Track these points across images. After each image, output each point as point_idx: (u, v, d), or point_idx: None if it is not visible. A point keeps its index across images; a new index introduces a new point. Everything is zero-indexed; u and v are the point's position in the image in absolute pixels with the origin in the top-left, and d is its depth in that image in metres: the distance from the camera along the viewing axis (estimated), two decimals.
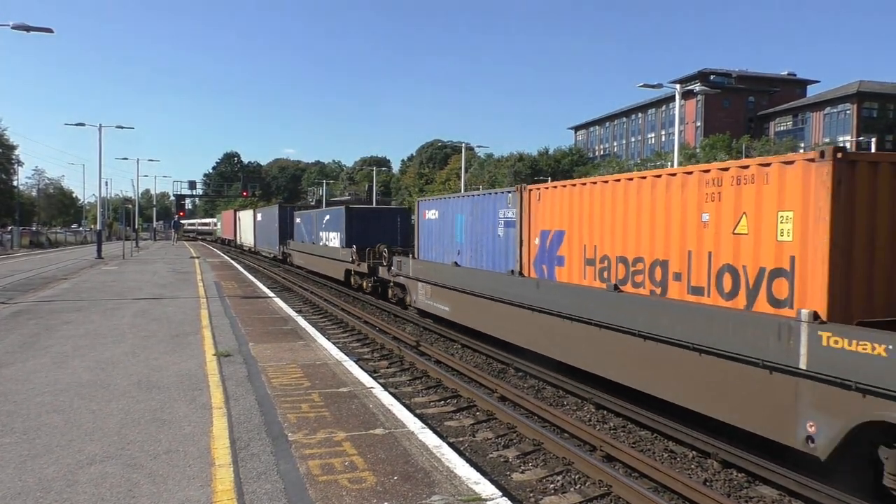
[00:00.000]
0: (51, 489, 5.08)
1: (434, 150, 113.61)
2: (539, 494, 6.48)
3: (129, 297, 18.41)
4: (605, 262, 9.44)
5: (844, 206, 6.19)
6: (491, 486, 5.28)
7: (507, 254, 12.37)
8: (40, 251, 54.50)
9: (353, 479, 5.33)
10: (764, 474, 6.72)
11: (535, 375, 11.26)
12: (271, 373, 9.17)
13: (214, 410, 7.26)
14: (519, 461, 7.39)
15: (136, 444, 6.15)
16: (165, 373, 9.08)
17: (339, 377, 9.02)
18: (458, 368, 11.73)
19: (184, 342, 11.46)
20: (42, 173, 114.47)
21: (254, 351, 10.76)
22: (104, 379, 8.70)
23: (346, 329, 16.55)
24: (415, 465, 5.67)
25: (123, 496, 4.96)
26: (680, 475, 6.63)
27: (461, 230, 14.64)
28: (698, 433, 7.88)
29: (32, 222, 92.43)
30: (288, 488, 5.12)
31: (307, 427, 6.69)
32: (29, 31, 20.95)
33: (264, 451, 5.98)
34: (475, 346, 13.71)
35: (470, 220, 14.15)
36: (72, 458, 5.77)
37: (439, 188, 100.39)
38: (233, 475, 5.38)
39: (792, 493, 6.39)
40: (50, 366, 9.48)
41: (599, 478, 6.74)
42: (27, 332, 12.50)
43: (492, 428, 8.57)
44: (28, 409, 7.24)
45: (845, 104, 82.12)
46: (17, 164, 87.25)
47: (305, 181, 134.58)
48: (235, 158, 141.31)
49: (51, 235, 72.64)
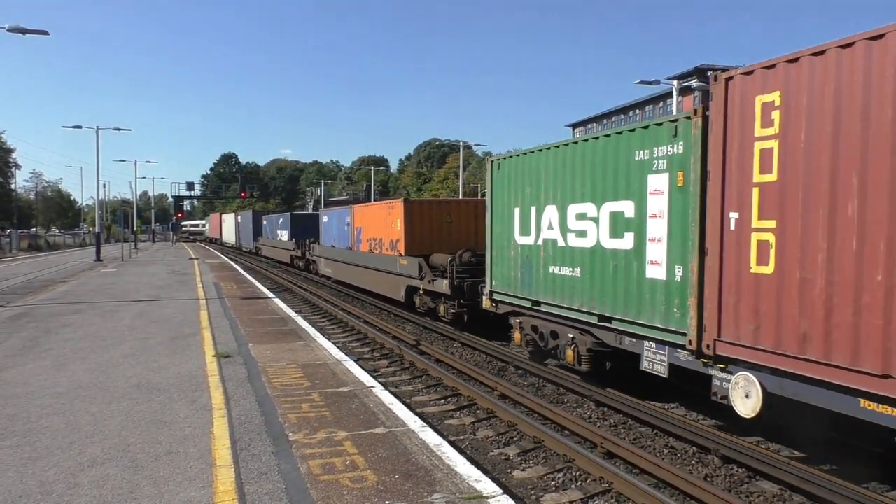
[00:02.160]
0: (52, 492, 5.09)
1: (432, 149, 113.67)
2: (540, 492, 6.49)
3: (129, 300, 18.41)
4: (371, 241, 21.42)
5: (410, 217, 17.95)
6: (492, 484, 5.28)
7: (347, 239, 24.72)
8: (39, 254, 54.46)
9: (354, 479, 5.33)
10: (765, 469, 6.73)
11: (535, 373, 11.27)
12: (271, 373, 9.17)
13: (215, 411, 7.27)
14: (520, 459, 7.39)
15: (136, 445, 6.15)
16: (165, 374, 9.08)
17: (339, 377, 9.03)
18: (458, 367, 11.73)
19: (183, 343, 11.46)
20: (40, 176, 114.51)
21: (254, 352, 10.77)
22: (104, 381, 8.70)
23: (346, 329, 16.56)
24: (416, 464, 5.68)
25: (125, 498, 4.96)
26: (681, 471, 6.63)
27: (334, 226, 27.06)
28: (699, 429, 7.91)
29: (31, 225, 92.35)
30: (289, 488, 5.13)
31: (308, 427, 6.69)
32: (25, 34, 20.93)
33: (265, 451, 5.98)
34: (475, 344, 13.73)
35: (336, 222, 26.77)
36: (73, 460, 5.77)
37: (437, 187, 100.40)
38: (234, 476, 5.38)
39: (793, 487, 6.40)
40: (50, 369, 9.47)
41: (600, 475, 6.75)
42: (27, 335, 12.50)
43: (492, 426, 8.58)
44: (28, 412, 7.24)
45: None
46: (15, 167, 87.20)
47: (304, 181, 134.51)
48: (233, 159, 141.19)
49: (49, 238, 72.57)
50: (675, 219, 7.89)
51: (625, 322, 8.82)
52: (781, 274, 6.38)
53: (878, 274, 5.50)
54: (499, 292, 12.41)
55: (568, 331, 10.27)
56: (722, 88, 6.96)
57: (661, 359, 8.37)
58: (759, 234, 6.63)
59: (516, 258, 11.68)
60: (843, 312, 5.80)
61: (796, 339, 6.23)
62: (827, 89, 5.93)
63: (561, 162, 10.33)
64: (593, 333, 9.65)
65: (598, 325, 9.38)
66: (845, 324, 5.77)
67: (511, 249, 11.87)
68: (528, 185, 11.27)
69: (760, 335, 6.63)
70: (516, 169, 11.72)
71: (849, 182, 5.73)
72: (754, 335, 6.70)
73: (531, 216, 11.17)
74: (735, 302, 6.90)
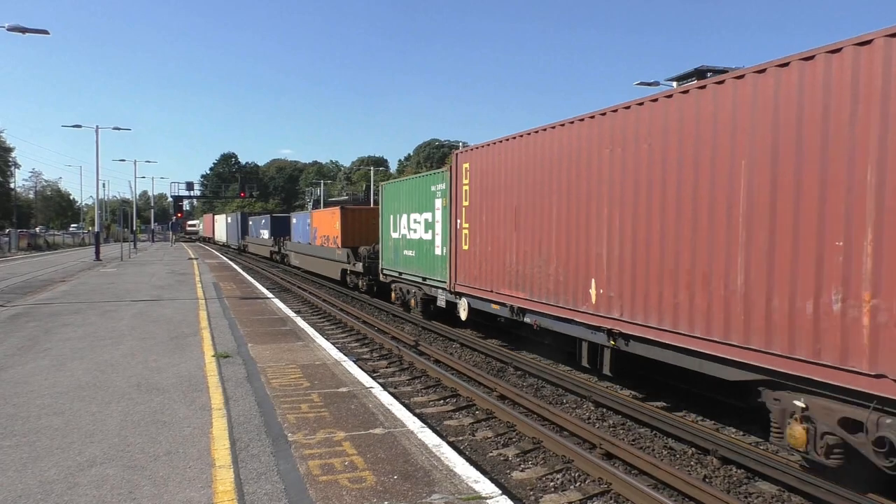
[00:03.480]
0: (52, 491, 5.09)
1: (432, 150, 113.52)
2: (539, 492, 6.49)
3: (128, 299, 18.41)
4: (322, 237, 28.05)
5: (345, 220, 25.24)
6: (491, 485, 5.29)
7: (308, 236, 31.32)
8: (38, 254, 54.41)
9: (353, 479, 5.34)
10: (763, 470, 6.75)
11: (534, 374, 11.28)
12: (270, 373, 9.18)
13: (214, 412, 7.27)
14: (518, 459, 7.40)
15: (136, 445, 6.15)
16: (165, 374, 9.08)
17: (338, 377, 9.03)
18: (457, 367, 11.74)
19: (183, 343, 11.46)
20: (39, 175, 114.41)
21: (253, 352, 10.77)
22: (103, 381, 8.70)
23: (345, 329, 16.57)
24: (414, 465, 5.69)
25: (124, 498, 4.97)
26: (679, 472, 6.64)
27: (300, 227, 34.21)
28: (698, 430, 7.91)
29: (30, 225, 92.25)
30: (288, 488, 5.13)
31: (307, 427, 6.70)
32: (25, 33, 20.93)
33: (264, 451, 5.99)
34: (474, 345, 13.74)
35: (301, 223, 33.99)
36: (72, 460, 5.78)
37: None
38: (233, 476, 5.39)
39: (791, 488, 6.42)
40: (49, 368, 9.47)
41: (599, 475, 6.76)
42: (26, 334, 12.50)
43: (491, 427, 8.58)
44: (28, 412, 7.24)
45: None
46: (15, 167, 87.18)
47: (303, 181, 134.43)
48: (233, 159, 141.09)
49: (48, 238, 72.51)
50: (444, 223, 15.29)
51: (430, 279, 16.34)
52: (473, 250, 13.63)
53: (508, 253, 12.09)
54: (385, 269, 20.12)
55: (413, 288, 17.86)
56: (454, 157, 14.62)
57: (443, 298, 15.63)
58: (464, 230, 14.03)
59: (391, 246, 19.28)
60: (490, 268, 12.82)
61: (477, 280, 13.46)
62: (488, 160, 12.91)
63: (406, 188, 18.15)
64: (422, 288, 17.08)
65: (422, 283, 16.90)
66: (490, 272, 12.82)
67: (389, 241, 19.51)
68: (395, 201, 19.07)
69: (468, 280, 13.91)
70: (390, 192, 19.68)
71: (495, 205, 12.59)
72: (465, 280, 14.03)
73: (397, 220, 18.79)
74: (460, 264, 14.30)
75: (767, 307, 6.67)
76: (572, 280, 10.05)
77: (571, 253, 10.07)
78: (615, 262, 9.03)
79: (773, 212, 6.63)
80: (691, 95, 7.75)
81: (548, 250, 10.74)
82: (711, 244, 7.38)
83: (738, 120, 7.05)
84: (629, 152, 8.76)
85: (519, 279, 11.69)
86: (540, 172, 10.95)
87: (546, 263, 10.78)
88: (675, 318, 7.91)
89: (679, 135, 7.89)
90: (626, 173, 8.83)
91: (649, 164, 8.38)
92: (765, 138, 6.74)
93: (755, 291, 6.82)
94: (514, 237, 11.82)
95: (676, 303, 7.89)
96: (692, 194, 7.67)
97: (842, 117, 5.99)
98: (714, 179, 7.36)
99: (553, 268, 10.59)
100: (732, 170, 7.12)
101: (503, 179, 12.22)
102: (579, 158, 9.87)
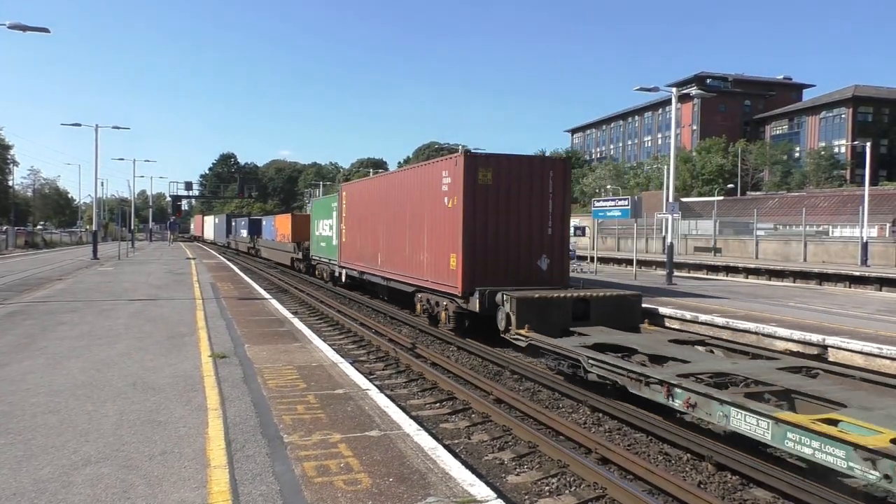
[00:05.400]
0: (46, 490, 5.08)
1: (431, 152, 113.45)
2: (534, 497, 6.49)
3: (125, 298, 18.39)
4: (280, 235, 39.74)
5: (295, 222, 36.74)
6: (486, 488, 5.29)
7: (272, 234, 42.97)
8: (35, 252, 54.33)
9: (348, 481, 5.33)
10: (758, 477, 6.75)
11: (530, 378, 11.28)
12: (267, 374, 9.17)
13: (210, 412, 7.26)
14: (514, 463, 7.40)
15: (131, 445, 6.14)
16: (161, 374, 9.06)
17: (334, 379, 9.02)
18: (454, 371, 11.74)
19: (179, 343, 11.45)
20: (38, 173, 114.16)
21: (249, 352, 10.76)
22: (99, 380, 8.68)
23: (342, 331, 16.56)
24: (410, 467, 5.68)
25: (119, 497, 4.96)
26: (675, 478, 6.65)
27: (268, 226, 45.78)
28: (693, 436, 7.92)
29: (27, 222, 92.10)
30: (283, 490, 5.13)
31: (303, 429, 6.69)
32: (25, 31, 20.92)
33: (260, 452, 5.98)
34: (470, 348, 13.74)
35: (268, 224, 46.37)
36: (67, 458, 5.76)
37: None
38: (228, 477, 5.38)
39: (786, 495, 6.42)
40: (45, 367, 9.46)
41: (594, 480, 6.76)
42: (22, 332, 12.47)
43: (487, 430, 8.58)
44: (23, 410, 7.23)
45: (840, 108, 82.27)
46: (13, 164, 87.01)
47: (302, 182, 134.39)
48: (232, 159, 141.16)
49: (46, 236, 72.39)
50: (336, 226, 25.76)
51: (332, 260, 26.56)
52: (347, 241, 24.34)
53: (359, 242, 23.10)
54: (313, 256, 31.37)
55: (330, 267, 27.41)
56: (341, 187, 26.48)
57: (338, 272, 25.48)
58: (343, 230, 24.73)
59: (316, 240, 30.35)
60: (353, 251, 23.49)
61: (349, 259, 23.96)
62: (353, 190, 24.74)
63: (323, 203, 30.36)
64: (330, 265, 27.24)
65: (329, 262, 27.45)
66: (353, 254, 23.36)
67: (314, 237, 30.79)
68: (318, 212, 30.71)
69: (345, 259, 24.50)
70: (316, 206, 32.06)
71: (355, 216, 23.45)
72: (344, 259, 24.52)
73: (319, 224, 29.65)
74: (342, 250, 24.80)
75: (412, 260, 17.11)
76: (375, 254, 20.55)
77: (376, 241, 20.41)
78: (385, 245, 19.60)
79: (411, 222, 17.28)
80: (402, 172, 20.08)
81: (373, 241, 20.79)
82: (400, 236, 18.15)
83: (405, 183, 18.16)
84: (391, 193, 19.24)
85: (362, 256, 22.07)
86: (370, 200, 21.44)
87: (371, 247, 20.93)
88: (396, 267, 18.52)
89: (399, 187, 18.55)
90: (389, 202, 19.33)
91: (393, 199, 19.01)
92: (409, 192, 17.65)
93: (410, 254, 17.34)
94: (359, 234, 22.36)
95: (395, 261, 18.58)
96: (396, 213, 18.57)
97: (405, 190, 18.18)
98: (400, 207, 18.30)
99: (370, 250, 20.94)
100: (402, 203, 18.11)
101: (358, 201, 22.87)
102: (382, 194, 20.25)
